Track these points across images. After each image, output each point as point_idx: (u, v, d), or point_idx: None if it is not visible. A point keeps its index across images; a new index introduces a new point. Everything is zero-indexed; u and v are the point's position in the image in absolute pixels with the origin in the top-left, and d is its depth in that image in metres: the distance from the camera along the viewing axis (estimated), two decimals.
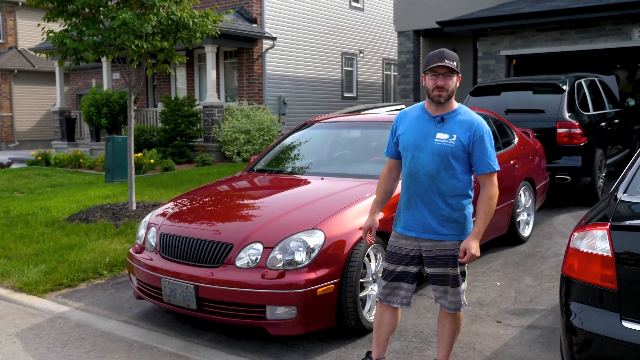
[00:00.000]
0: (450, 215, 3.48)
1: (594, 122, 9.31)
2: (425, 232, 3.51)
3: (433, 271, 3.54)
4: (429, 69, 3.44)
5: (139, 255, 4.91)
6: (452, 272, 3.51)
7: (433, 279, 3.57)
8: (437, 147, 3.45)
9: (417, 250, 3.55)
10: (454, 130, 3.46)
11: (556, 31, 13.23)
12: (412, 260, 3.57)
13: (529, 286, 5.60)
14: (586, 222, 3.19)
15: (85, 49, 8.09)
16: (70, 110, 21.42)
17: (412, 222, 3.55)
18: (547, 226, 7.93)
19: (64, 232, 7.69)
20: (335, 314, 4.30)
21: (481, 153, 3.46)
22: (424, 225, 3.51)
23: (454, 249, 3.49)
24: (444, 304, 3.59)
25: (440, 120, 3.49)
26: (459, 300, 3.56)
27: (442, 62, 3.40)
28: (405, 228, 3.58)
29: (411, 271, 3.58)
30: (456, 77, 3.46)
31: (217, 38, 15.56)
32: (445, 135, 3.45)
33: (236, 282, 4.18)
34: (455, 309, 3.57)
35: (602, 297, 2.96)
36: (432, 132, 3.49)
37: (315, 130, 6.75)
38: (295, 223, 4.45)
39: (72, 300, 5.55)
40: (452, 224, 3.49)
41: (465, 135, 3.44)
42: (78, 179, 13.60)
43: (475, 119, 3.50)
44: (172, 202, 5.56)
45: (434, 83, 3.44)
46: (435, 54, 3.45)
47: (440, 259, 3.50)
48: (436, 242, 3.50)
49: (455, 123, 3.48)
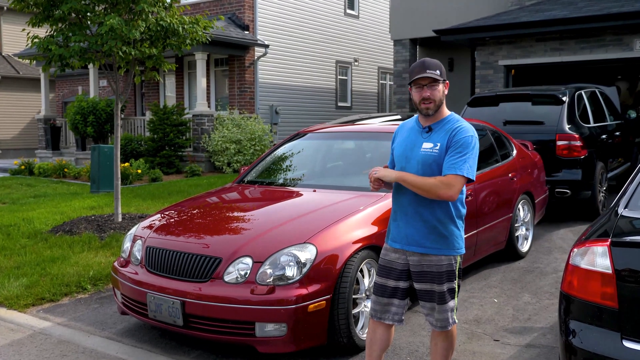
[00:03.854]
0: (435, 228, 3.46)
1: (594, 134, 9.35)
2: (409, 244, 3.50)
3: (420, 287, 3.54)
4: (412, 81, 3.46)
5: (124, 269, 4.88)
6: (437, 288, 3.49)
7: (420, 295, 3.57)
8: (422, 157, 3.45)
9: (404, 264, 3.55)
10: (439, 139, 3.45)
11: (555, 41, 13.32)
12: (401, 274, 3.56)
13: (528, 303, 5.59)
14: (586, 238, 3.19)
15: (71, 55, 8.07)
16: (55, 118, 21.36)
17: (397, 234, 3.57)
18: (546, 241, 7.93)
19: (47, 244, 7.64)
20: (327, 331, 4.27)
21: (450, 155, 3.37)
22: (407, 237, 3.51)
23: (440, 264, 3.47)
24: (431, 321, 3.59)
25: (428, 130, 3.51)
26: (446, 318, 3.53)
27: (424, 72, 3.41)
28: (392, 240, 3.61)
29: (401, 287, 3.58)
30: (442, 85, 3.46)
31: (208, 45, 15.58)
32: (429, 145, 3.46)
33: (224, 298, 4.16)
34: (442, 327, 3.55)
35: (602, 316, 2.95)
36: (419, 142, 3.51)
37: (308, 140, 6.74)
38: (286, 237, 4.43)
39: (54, 315, 5.50)
40: (436, 237, 3.47)
41: (445, 141, 3.41)
42: (62, 189, 13.54)
43: (459, 126, 3.44)
44: (159, 214, 5.54)
45: (419, 95, 3.45)
46: (417, 65, 3.46)
47: (426, 275, 3.49)
48: (422, 256, 3.49)
49: (442, 131, 3.47)
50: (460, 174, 3.34)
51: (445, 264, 3.47)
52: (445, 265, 3.47)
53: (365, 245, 4.56)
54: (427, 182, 3.36)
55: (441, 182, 3.34)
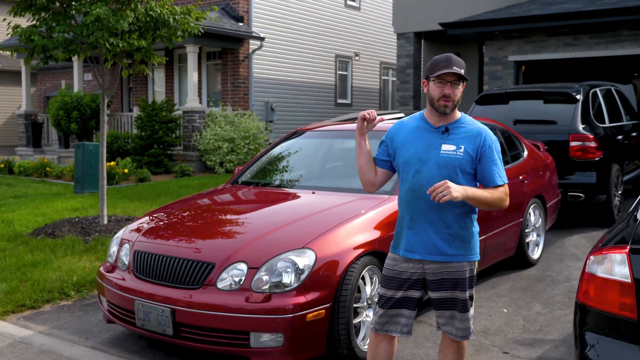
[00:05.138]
0: (459, 234, 3.48)
1: (609, 134, 9.36)
2: (430, 253, 3.48)
3: (439, 295, 3.52)
4: (435, 76, 3.43)
5: (110, 275, 4.87)
6: (461, 295, 3.50)
7: (438, 303, 3.55)
8: (443, 160, 3.44)
9: (420, 273, 3.52)
10: (461, 142, 3.46)
11: (569, 36, 13.33)
12: (414, 284, 3.53)
13: (539, 314, 5.59)
14: (603, 245, 3.18)
15: (55, 46, 8.05)
16: (37, 113, 21.33)
17: (416, 243, 3.51)
18: (559, 248, 7.94)
19: (28, 247, 7.63)
20: (327, 342, 4.27)
21: (490, 164, 3.47)
22: (428, 246, 3.48)
23: (462, 270, 3.49)
24: (450, 331, 3.56)
25: (444, 131, 3.49)
26: (468, 327, 3.54)
27: (451, 68, 3.38)
28: (408, 250, 3.53)
29: (413, 296, 3.55)
30: (462, 85, 3.47)
31: (200, 37, 15.53)
32: (451, 147, 3.45)
33: (217, 306, 4.15)
34: (464, 336, 3.55)
35: (620, 328, 2.94)
36: (437, 143, 3.48)
37: (306, 139, 6.74)
38: (284, 241, 4.42)
39: (36, 323, 5.48)
40: (459, 243, 3.49)
41: (473, 147, 3.45)
42: (44, 190, 13.53)
43: (482, 129, 3.52)
44: (148, 216, 5.54)
45: (440, 91, 3.43)
46: (442, 59, 3.44)
47: (447, 282, 3.49)
48: (442, 264, 3.48)
49: (461, 133, 3.48)
50: (505, 183, 3.50)
51: (467, 270, 3.51)
52: (467, 271, 3.51)
53: (367, 251, 4.55)
54: (494, 196, 3.46)
55: (503, 193, 3.50)
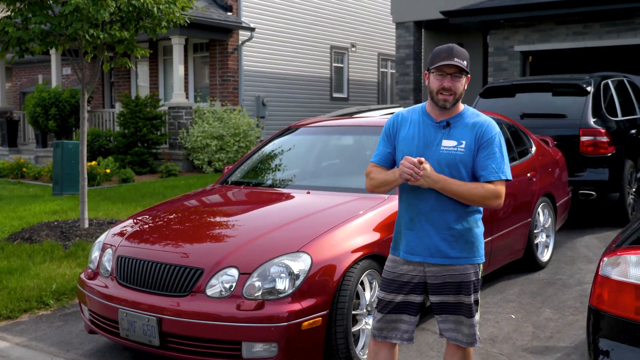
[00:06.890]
0: (462, 235, 3.48)
1: (622, 129, 9.38)
2: (432, 255, 3.49)
3: (442, 299, 3.52)
4: (435, 67, 3.43)
5: (92, 282, 4.86)
6: (466, 299, 3.50)
7: (441, 308, 3.55)
8: (444, 157, 3.44)
9: (421, 276, 3.52)
10: (462, 136, 3.46)
11: (579, 24, 13.35)
12: (415, 288, 3.54)
13: (549, 319, 5.59)
14: (617, 246, 3.19)
15: (31, 38, 8.02)
16: (12, 110, 21.30)
17: (417, 245, 3.52)
18: (569, 249, 7.95)
19: (4, 253, 7.61)
20: (324, 351, 4.27)
21: (486, 157, 3.44)
22: (430, 248, 3.49)
23: (466, 273, 3.49)
24: (457, 337, 3.55)
25: (445, 125, 3.49)
26: (474, 333, 3.54)
27: (452, 60, 3.39)
28: (408, 252, 3.54)
29: (414, 301, 3.55)
30: (465, 78, 3.46)
31: (186, 28, 15.45)
32: (452, 143, 3.45)
33: (206, 314, 4.14)
34: (470, 342, 3.55)
35: (636, 333, 2.95)
36: (437, 139, 3.48)
37: (300, 136, 6.74)
38: (277, 245, 4.42)
39: (12, 334, 5.47)
40: (462, 245, 3.48)
41: (473, 139, 3.45)
42: (21, 192, 13.49)
43: (484, 120, 3.52)
44: (132, 219, 5.53)
45: (439, 84, 3.43)
46: (444, 49, 3.44)
47: (449, 285, 3.49)
48: (444, 267, 3.49)
49: (463, 127, 3.48)
50: (504, 178, 3.44)
51: (472, 273, 3.51)
52: (472, 274, 3.50)
53: (366, 254, 4.55)
54: (474, 192, 3.41)
55: (488, 191, 3.42)
